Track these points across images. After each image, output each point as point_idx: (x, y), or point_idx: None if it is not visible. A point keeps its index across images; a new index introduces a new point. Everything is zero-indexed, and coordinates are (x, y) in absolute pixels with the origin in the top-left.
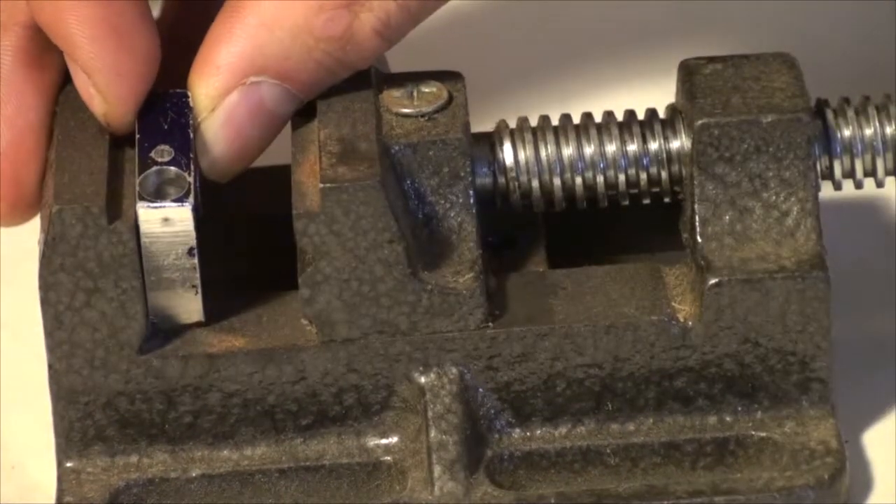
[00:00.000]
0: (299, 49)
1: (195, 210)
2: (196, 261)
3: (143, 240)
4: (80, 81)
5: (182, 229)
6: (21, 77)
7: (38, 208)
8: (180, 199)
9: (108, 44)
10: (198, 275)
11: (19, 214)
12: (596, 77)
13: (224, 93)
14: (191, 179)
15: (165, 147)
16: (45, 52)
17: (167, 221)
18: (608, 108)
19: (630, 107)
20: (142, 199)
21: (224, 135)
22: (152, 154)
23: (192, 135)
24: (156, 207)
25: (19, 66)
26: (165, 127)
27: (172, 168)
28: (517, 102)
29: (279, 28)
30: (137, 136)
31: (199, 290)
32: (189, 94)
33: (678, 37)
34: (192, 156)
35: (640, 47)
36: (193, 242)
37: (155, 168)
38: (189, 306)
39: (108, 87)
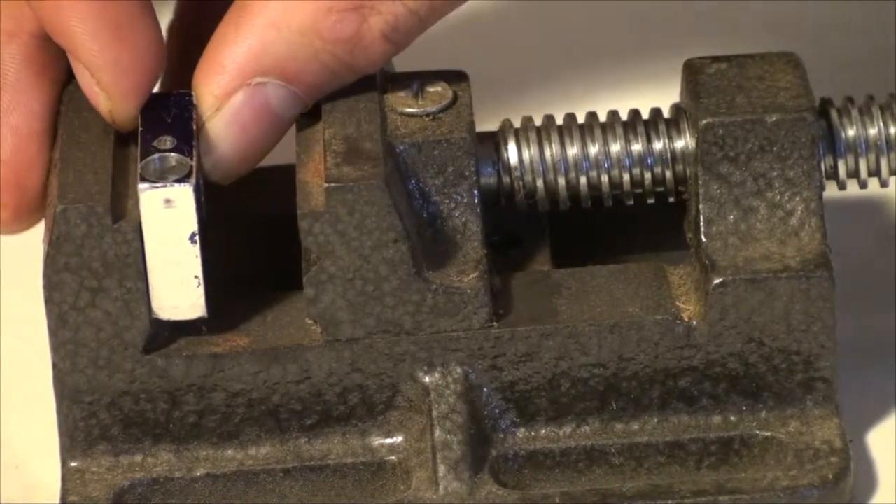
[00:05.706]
0: (306, 50)
1: (197, 191)
2: (198, 249)
3: (145, 226)
4: (84, 79)
5: (184, 212)
6: (28, 85)
7: (40, 214)
8: (182, 180)
9: (110, 40)
10: (200, 264)
11: (23, 220)
12: (600, 76)
13: (230, 92)
14: (193, 163)
15: (168, 137)
16: (53, 59)
17: (169, 203)
18: (612, 107)
19: (634, 106)
20: (144, 180)
21: (228, 135)
22: (154, 143)
23: (194, 128)
24: (158, 188)
25: (27, 74)
26: (169, 121)
27: (174, 154)
28: (522, 102)
29: (287, 28)
30: (140, 129)
31: (202, 283)
32: (193, 93)
33: (682, 36)
34: (194, 143)
35: (645, 47)
36: (195, 227)
37: (157, 155)
38: (191, 299)
39: (111, 83)
